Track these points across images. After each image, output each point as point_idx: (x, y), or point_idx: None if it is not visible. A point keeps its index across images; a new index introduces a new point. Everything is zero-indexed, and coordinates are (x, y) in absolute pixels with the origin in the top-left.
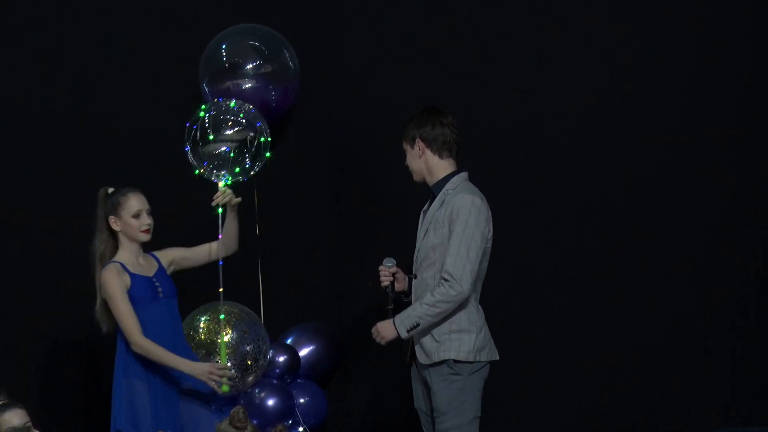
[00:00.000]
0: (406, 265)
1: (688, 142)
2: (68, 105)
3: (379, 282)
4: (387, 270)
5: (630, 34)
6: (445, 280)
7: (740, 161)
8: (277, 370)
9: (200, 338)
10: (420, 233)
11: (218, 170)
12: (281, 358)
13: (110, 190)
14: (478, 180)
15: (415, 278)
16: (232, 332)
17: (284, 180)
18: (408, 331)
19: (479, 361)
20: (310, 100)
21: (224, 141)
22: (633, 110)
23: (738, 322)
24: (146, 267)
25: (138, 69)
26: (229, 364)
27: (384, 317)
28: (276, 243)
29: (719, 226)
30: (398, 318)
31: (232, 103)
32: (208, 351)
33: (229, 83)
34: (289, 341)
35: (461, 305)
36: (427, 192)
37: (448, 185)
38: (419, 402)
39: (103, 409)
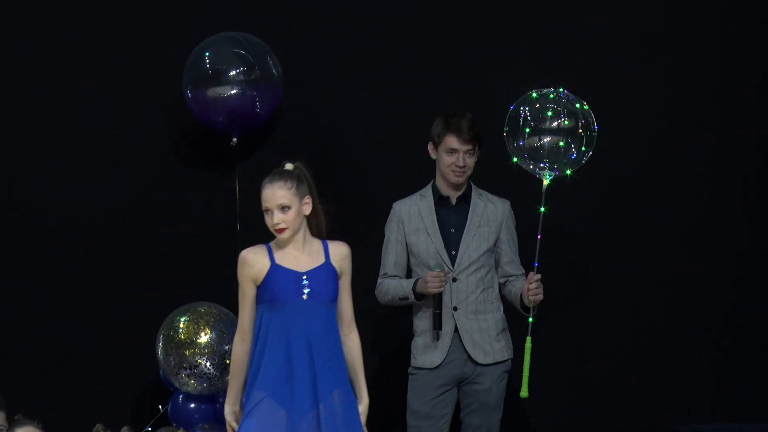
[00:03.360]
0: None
1: (683, 142)
2: (52, 110)
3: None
4: (443, 275)
5: (617, 32)
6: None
7: (735, 160)
8: None
9: (180, 338)
10: (466, 236)
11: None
12: None
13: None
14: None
15: (455, 281)
16: (212, 332)
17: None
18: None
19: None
20: (290, 106)
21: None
22: (626, 108)
23: (719, 322)
24: (302, 260)
25: (123, 75)
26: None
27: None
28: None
29: (705, 228)
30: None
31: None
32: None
33: (212, 90)
34: None
35: (502, 305)
36: (443, 195)
37: (477, 189)
38: (436, 408)
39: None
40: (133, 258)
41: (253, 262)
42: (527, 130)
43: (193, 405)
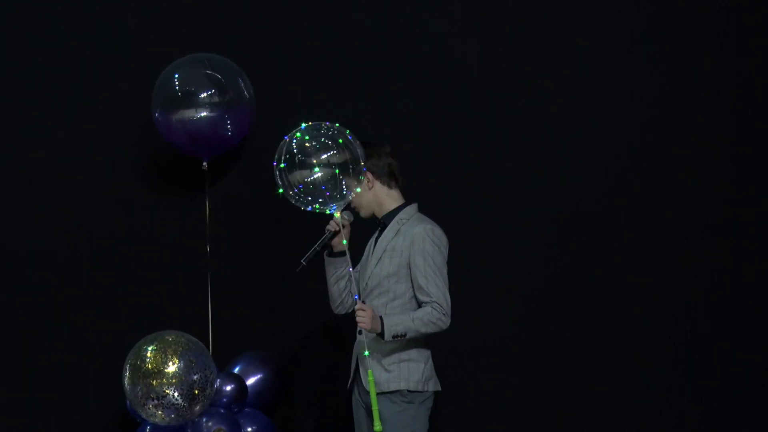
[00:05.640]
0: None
1: (650, 148)
2: (20, 134)
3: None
4: (342, 220)
5: (579, 37)
6: (434, 309)
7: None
8: (225, 399)
9: (147, 367)
10: (371, 260)
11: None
12: (228, 387)
13: None
14: (430, 202)
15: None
16: (180, 361)
17: (235, 209)
18: (393, 337)
19: (427, 391)
20: (261, 129)
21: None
22: (591, 114)
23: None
24: None
25: (90, 98)
26: None
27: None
28: (224, 274)
29: (682, 234)
30: (388, 319)
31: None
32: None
33: (181, 113)
34: (236, 370)
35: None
36: (376, 222)
37: (401, 214)
38: (360, 430)
39: None
40: (101, 284)
41: None
42: (294, 165)
43: None
